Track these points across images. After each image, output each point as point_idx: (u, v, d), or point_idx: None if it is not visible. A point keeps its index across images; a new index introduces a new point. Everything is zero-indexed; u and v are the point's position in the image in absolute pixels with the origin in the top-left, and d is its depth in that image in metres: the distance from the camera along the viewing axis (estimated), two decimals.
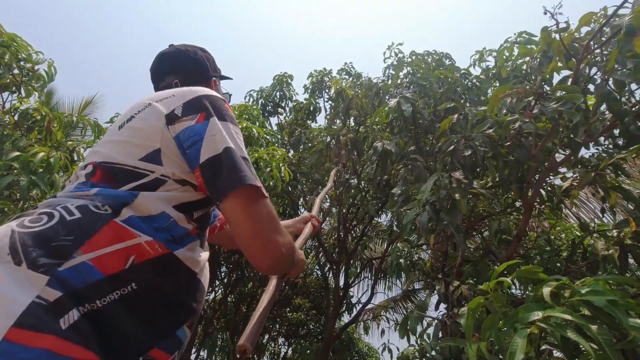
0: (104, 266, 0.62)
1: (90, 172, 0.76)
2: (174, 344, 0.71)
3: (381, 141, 3.26)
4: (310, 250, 7.16)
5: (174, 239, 0.72)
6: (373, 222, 6.90)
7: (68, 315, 0.56)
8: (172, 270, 0.71)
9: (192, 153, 0.75)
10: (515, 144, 2.00)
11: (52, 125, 3.45)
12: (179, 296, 0.72)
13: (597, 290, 1.22)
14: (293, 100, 6.35)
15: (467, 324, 1.46)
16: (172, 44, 1.10)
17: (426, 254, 5.79)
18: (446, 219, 2.04)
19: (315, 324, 7.26)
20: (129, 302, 0.63)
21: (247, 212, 0.73)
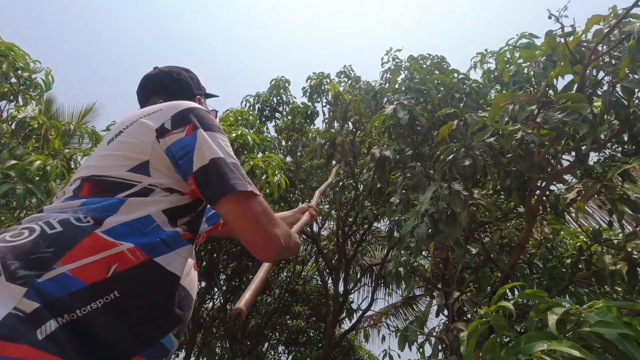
0: (85, 276, 0.63)
1: (77, 187, 0.78)
2: (159, 352, 0.71)
3: (379, 147, 3.17)
4: (310, 256, 7.06)
5: (160, 243, 0.73)
6: (372, 228, 6.81)
7: (45, 325, 0.56)
8: (154, 277, 0.71)
9: (184, 163, 0.79)
10: (517, 155, 1.90)
11: (50, 133, 3.42)
12: (162, 304, 0.72)
13: (607, 321, 1.12)
14: (290, 104, 6.25)
15: (467, 351, 1.37)
16: (157, 67, 1.15)
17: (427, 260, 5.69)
18: (445, 231, 1.95)
19: (315, 332, 7.16)
20: (112, 310, 0.63)
21: (243, 214, 0.77)
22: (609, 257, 1.89)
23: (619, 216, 1.82)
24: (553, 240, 3.40)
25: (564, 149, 2.45)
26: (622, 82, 1.72)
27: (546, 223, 3.51)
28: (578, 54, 2.02)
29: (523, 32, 2.90)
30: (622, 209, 1.83)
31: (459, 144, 2.09)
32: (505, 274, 2.65)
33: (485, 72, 3.54)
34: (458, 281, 3.13)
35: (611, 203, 1.82)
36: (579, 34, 2.02)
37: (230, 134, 4.00)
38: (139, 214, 0.73)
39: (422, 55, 4.06)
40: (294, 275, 7.04)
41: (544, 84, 1.92)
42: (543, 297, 1.33)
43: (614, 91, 1.88)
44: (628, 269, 1.81)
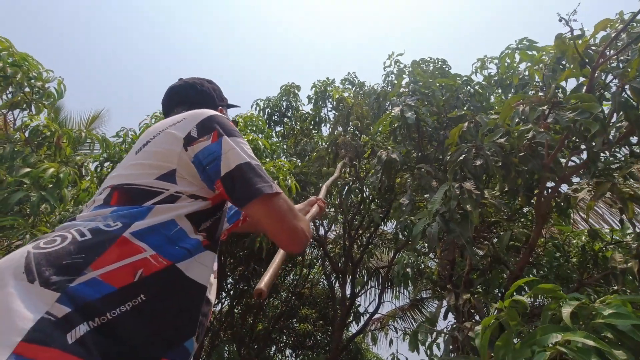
0: (114, 280, 0.66)
1: (107, 195, 0.82)
2: (182, 355, 0.73)
3: (385, 150, 3.22)
4: (316, 259, 7.08)
5: (180, 249, 0.76)
6: (378, 231, 6.82)
7: (75, 330, 0.58)
8: (177, 281, 0.74)
9: (212, 169, 0.83)
10: (528, 155, 1.94)
11: (62, 141, 3.50)
12: (185, 307, 0.75)
13: (621, 312, 1.15)
14: (299, 110, 6.32)
15: (481, 343, 1.40)
16: (181, 78, 1.21)
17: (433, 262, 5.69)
18: (457, 230, 1.98)
19: (322, 335, 7.15)
20: (139, 313, 0.66)
21: (270, 214, 0.83)
22: (620, 256, 1.91)
23: (630, 215, 1.85)
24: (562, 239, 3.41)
25: (572, 151, 2.48)
26: (632, 83, 1.75)
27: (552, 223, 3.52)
28: (587, 57, 2.06)
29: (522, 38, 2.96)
30: (633, 208, 1.86)
31: (470, 144, 2.13)
32: (514, 275, 2.67)
33: (486, 77, 3.60)
34: (466, 283, 3.15)
35: (622, 202, 1.84)
36: (587, 38, 2.06)
37: None
38: (164, 218, 0.76)
39: (423, 58, 4.13)
40: (300, 278, 7.06)
41: (554, 85, 1.96)
42: (557, 291, 1.36)
43: (623, 92, 1.91)
44: (639, 267, 1.83)
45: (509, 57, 2.97)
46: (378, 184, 3.24)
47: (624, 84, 1.92)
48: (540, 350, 1.19)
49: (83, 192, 3.27)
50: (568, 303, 1.27)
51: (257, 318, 6.80)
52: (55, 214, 3.15)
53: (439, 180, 2.73)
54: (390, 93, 3.62)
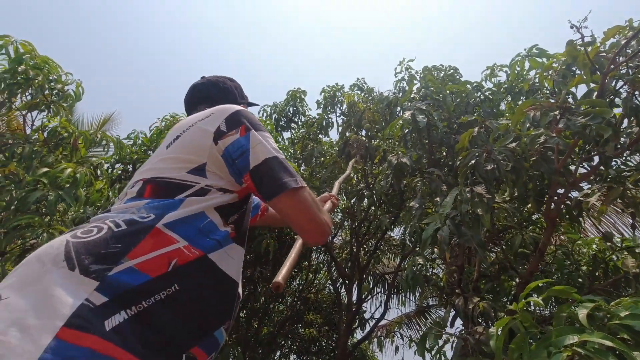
0: (149, 269, 0.68)
1: (140, 188, 0.85)
2: (213, 344, 0.76)
3: (395, 155, 3.24)
4: (323, 264, 7.07)
5: (211, 241, 0.78)
6: (385, 237, 6.81)
7: (113, 318, 0.61)
8: (209, 271, 0.76)
9: (241, 162, 0.86)
10: (540, 159, 1.96)
11: (78, 142, 3.57)
12: (217, 297, 0.77)
13: (637, 314, 1.16)
14: (306, 115, 6.38)
15: (497, 345, 1.41)
16: (204, 76, 1.23)
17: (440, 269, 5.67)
18: (468, 234, 1.99)
19: (327, 341, 7.12)
20: (173, 302, 0.68)
21: (296, 207, 0.85)
22: (632, 261, 1.92)
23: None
24: (572, 246, 3.40)
25: (582, 157, 2.50)
26: None
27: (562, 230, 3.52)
28: (597, 64, 2.09)
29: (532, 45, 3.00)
30: None
31: (481, 149, 2.15)
32: (524, 280, 2.66)
33: (496, 85, 3.63)
34: (474, 289, 3.14)
35: (634, 207, 1.85)
36: (598, 45, 2.09)
37: None
38: (194, 210, 0.78)
39: (435, 66, 4.17)
40: (306, 283, 7.05)
41: (565, 91, 1.99)
42: (571, 293, 1.36)
43: (634, 98, 1.93)
44: None
45: (519, 64, 3.01)
46: (388, 188, 3.26)
47: (634, 89, 1.94)
48: (557, 352, 1.20)
49: (96, 192, 3.32)
50: (584, 305, 1.28)
51: (263, 322, 6.79)
52: (69, 214, 3.20)
53: (449, 185, 2.74)
54: (402, 98, 3.66)
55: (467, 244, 2.06)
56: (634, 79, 1.94)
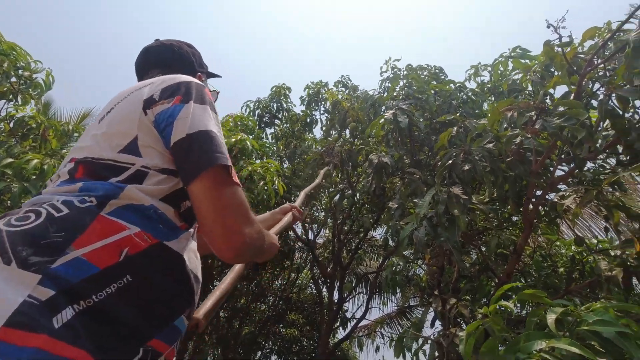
0: (98, 260, 0.61)
1: (72, 169, 0.75)
2: (173, 334, 0.70)
3: (377, 154, 3.21)
4: (305, 264, 7.02)
5: (164, 228, 0.71)
6: (368, 237, 6.80)
7: (61, 314, 0.55)
8: (164, 260, 0.70)
9: (166, 134, 0.75)
10: (516, 160, 1.93)
11: (48, 133, 3.42)
12: (173, 286, 0.71)
13: (605, 320, 1.13)
14: (290, 112, 6.30)
15: (466, 350, 1.37)
16: (158, 39, 1.09)
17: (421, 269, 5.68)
18: (444, 235, 1.96)
19: (308, 341, 7.09)
20: (126, 294, 0.62)
21: (213, 197, 0.70)
22: (605, 264, 1.91)
23: (615, 222, 1.85)
24: (548, 248, 3.43)
25: (560, 159, 2.50)
26: (618, 92, 1.76)
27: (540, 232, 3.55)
28: (575, 65, 2.08)
29: (515, 46, 3.00)
30: (619, 215, 1.86)
31: (458, 149, 2.12)
32: (501, 282, 2.66)
33: (479, 84, 3.62)
34: (454, 290, 3.13)
35: (607, 210, 1.85)
36: (576, 46, 2.08)
37: (230, 138, 4.02)
38: (139, 200, 0.70)
39: (420, 65, 4.15)
40: (288, 283, 6.99)
41: (542, 92, 1.97)
42: (542, 297, 1.34)
43: (610, 100, 1.93)
44: (624, 275, 1.83)
45: (502, 64, 3.00)
46: (369, 188, 3.22)
47: (610, 92, 1.93)
48: (525, 358, 1.17)
49: None
50: (553, 310, 1.25)
51: (244, 322, 6.70)
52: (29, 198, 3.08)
53: (429, 186, 2.71)
54: (385, 97, 3.62)
55: (443, 245, 2.02)
56: (610, 82, 1.94)
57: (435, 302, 2.51)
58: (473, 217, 2.08)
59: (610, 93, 1.94)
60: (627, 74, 1.71)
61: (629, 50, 1.59)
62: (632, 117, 2.01)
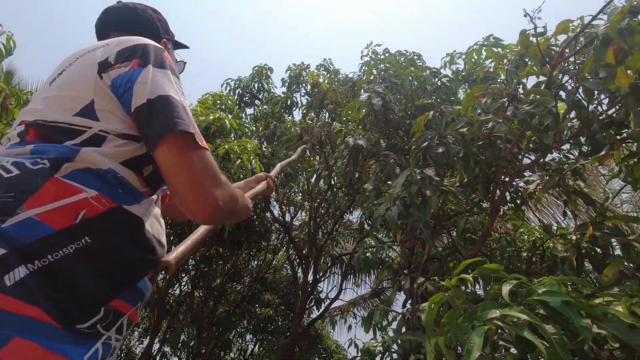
0: (52, 221, 0.61)
1: (22, 131, 0.72)
2: (136, 295, 0.71)
3: (353, 137, 3.24)
4: (281, 245, 7.09)
5: (123, 193, 0.70)
6: (344, 220, 6.91)
7: (13, 272, 0.55)
8: (124, 224, 0.69)
9: (126, 100, 0.72)
10: (487, 144, 2.01)
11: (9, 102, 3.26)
12: (134, 249, 0.71)
13: (553, 290, 1.23)
14: (271, 92, 6.23)
15: (427, 319, 1.45)
16: (120, 0, 1.03)
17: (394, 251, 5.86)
18: (416, 215, 2.03)
19: (283, 320, 7.22)
20: (84, 256, 0.62)
21: (181, 161, 0.69)
22: (561, 246, 2.04)
23: (573, 207, 1.97)
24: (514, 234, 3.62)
25: (527, 148, 2.61)
26: (584, 83, 1.85)
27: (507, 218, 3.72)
28: (547, 56, 2.16)
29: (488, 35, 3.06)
30: (576, 200, 1.98)
31: (434, 132, 2.19)
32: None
33: (454, 72, 3.70)
34: (423, 270, 3.26)
35: (567, 195, 1.96)
36: (549, 37, 2.16)
37: (208, 116, 3.96)
38: (97, 164, 0.67)
39: (399, 51, 4.19)
40: (264, 264, 7.05)
41: (516, 80, 2.04)
42: (499, 270, 1.43)
43: (577, 92, 2.02)
44: (577, 257, 1.97)
45: (476, 52, 3.06)
46: (345, 171, 3.26)
47: (578, 84, 2.03)
48: (480, 325, 1.25)
49: None
50: (508, 282, 1.34)
51: (219, 302, 6.74)
52: None
53: (403, 169, 2.78)
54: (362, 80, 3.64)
55: (415, 224, 2.10)
56: (579, 74, 2.03)
57: (405, 280, 2.61)
58: (444, 199, 2.16)
59: (578, 85, 2.03)
60: (594, 66, 1.79)
61: (597, 42, 1.67)
62: (596, 109, 2.12)
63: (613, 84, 1.72)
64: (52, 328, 0.57)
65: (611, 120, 2.17)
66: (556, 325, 1.17)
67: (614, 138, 2.13)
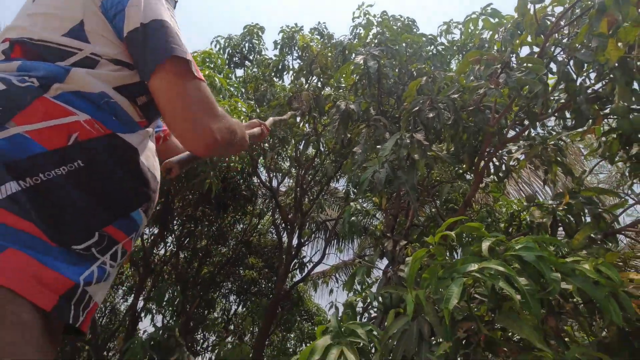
0: (44, 140, 0.59)
1: (7, 49, 0.67)
2: (131, 225, 0.71)
3: (344, 101, 3.23)
4: (267, 210, 7.15)
5: (118, 122, 0.68)
6: (330, 188, 7.00)
7: (4, 186, 0.55)
8: (119, 152, 0.67)
9: (117, 24, 0.68)
10: (477, 109, 2.05)
11: None
12: (130, 178, 0.70)
13: (529, 247, 1.31)
14: (262, 54, 6.05)
15: (410, 272, 1.53)
16: None
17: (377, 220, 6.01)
18: (403, 178, 2.08)
19: (267, 283, 7.41)
20: (78, 178, 0.61)
21: (176, 91, 0.68)
22: (538, 212, 2.14)
23: (552, 176, 2.06)
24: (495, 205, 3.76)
25: (514, 121, 2.67)
26: (576, 54, 1.88)
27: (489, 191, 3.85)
28: (542, 26, 2.17)
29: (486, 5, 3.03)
30: (556, 171, 2.07)
31: (425, 97, 2.20)
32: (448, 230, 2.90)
33: (450, 42, 3.67)
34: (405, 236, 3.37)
35: (548, 164, 2.04)
36: (546, 6, 2.16)
37: None
38: (90, 87, 0.65)
39: (393, 16, 4.10)
40: (250, 227, 7.13)
41: (510, 48, 2.05)
42: (480, 228, 1.50)
43: (569, 64, 2.06)
44: (551, 223, 2.08)
45: (473, 22, 3.04)
46: (335, 136, 3.27)
47: (570, 56, 2.05)
48: (459, 277, 1.34)
49: None
50: (487, 239, 1.42)
51: (203, 263, 6.85)
52: None
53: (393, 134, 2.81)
54: (357, 43, 3.58)
55: (402, 187, 2.16)
56: (571, 45, 2.05)
57: (387, 243, 2.71)
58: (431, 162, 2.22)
59: (569, 57, 2.06)
60: (587, 35, 1.82)
61: (593, 11, 1.69)
62: (584, 81, 2.16)
63: (603, 55, 1.76)
64: (46, 245, 0.57)
65: (596, 95, 2.23)
66: (529, 279, 1.26)
67: (597, 113, 2.20)
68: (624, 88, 1.87)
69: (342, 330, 1.74)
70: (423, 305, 1.61)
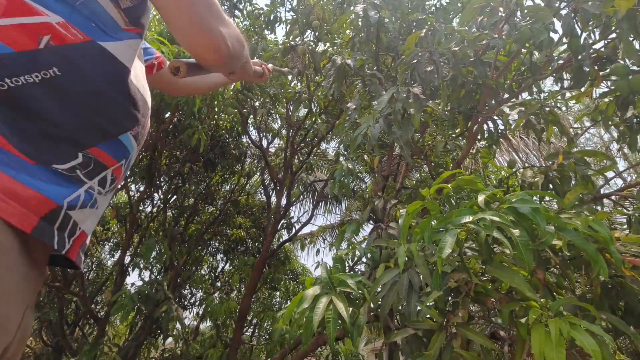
0: (8, 39, 0.52)
1: None
2: (120, 149, 0.66)
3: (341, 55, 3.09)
4: (256, 169, 7.08)
5: (100, 26, 0.59)
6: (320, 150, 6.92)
7: None
8: (101, 62, 0.60)
9: None
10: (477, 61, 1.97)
11: None
12: (115, 96, 0.63)
13: (524, 199, 1.30)
14: (253, 3, 5.70)
15: (403, 224, 1.52)
16: None
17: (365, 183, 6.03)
18: (398, 133, 2.03)
19: (254, 242, 7.48)
20: (54, 89, 0.55)
21: None
22: (530, 172, 2.14)
23: (548, 135, 2.03)
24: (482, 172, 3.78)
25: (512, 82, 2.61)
26: (583, 5, 1.79)
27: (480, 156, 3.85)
28: None
29: None
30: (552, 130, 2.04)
31: (424, 50, 2.11)
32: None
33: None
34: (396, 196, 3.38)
35: (545, 123, 2.01)
36: None
37: None
38: None
39: None
40: (238, 187, 7.08)
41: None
42: (476, 182, 1.48)
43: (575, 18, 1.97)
44: (543, 182, 2.08)
45: None
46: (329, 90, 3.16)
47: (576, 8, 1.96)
48: (453, 228, 1.33)
49: None
50: (483, 192, 1.40)
51: (190, 221, 6.83)
52: None
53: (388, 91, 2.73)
54: None
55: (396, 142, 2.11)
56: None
57: (378, 201, 2.71)
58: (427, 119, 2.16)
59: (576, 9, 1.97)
60: None
61: None
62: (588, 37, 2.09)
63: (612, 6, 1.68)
64: (21, 161, 0.53)
65: (598, 55, 2.17)
66: (523, 230, 1.26)
67: (597, 73, 2.15)
68: (629, 43, 1.81)
69: (331, 281, 1.75)
70: (414, 259, 1.62)
